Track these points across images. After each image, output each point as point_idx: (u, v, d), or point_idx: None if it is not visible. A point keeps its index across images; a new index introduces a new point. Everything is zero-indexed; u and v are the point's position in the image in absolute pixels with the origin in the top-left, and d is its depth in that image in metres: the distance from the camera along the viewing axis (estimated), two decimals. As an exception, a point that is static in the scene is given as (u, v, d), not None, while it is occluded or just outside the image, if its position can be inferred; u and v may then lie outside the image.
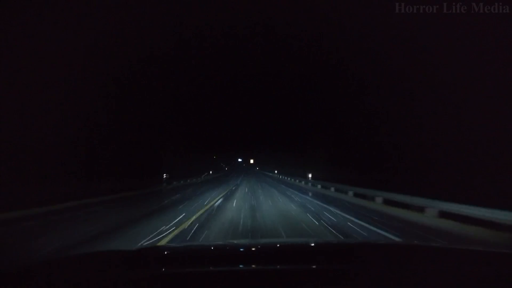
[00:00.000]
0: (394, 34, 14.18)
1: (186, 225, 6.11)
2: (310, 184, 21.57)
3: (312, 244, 1.78)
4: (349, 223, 6.47)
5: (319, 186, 18.86)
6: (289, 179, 30.78)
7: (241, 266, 1.08)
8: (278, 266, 1.03)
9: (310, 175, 22.68)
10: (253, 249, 1.50)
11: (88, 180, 13.10)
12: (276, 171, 50.10)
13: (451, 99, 12.86)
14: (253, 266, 1.09)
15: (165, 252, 1.39)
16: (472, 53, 11.25)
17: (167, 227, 5.81)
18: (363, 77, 21.55)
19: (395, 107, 16.96)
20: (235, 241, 2.92)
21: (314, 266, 1.06)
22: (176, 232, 5.44)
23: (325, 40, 26.29)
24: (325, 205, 9.76)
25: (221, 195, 13.19)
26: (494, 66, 10.49)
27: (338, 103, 27.08)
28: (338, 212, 8.26)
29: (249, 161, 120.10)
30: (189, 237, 5.13)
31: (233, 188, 18.77)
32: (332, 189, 16.17)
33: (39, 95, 11.93)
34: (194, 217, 7.04)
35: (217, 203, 10.14)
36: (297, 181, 26.49)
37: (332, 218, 7.13)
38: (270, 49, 55.36)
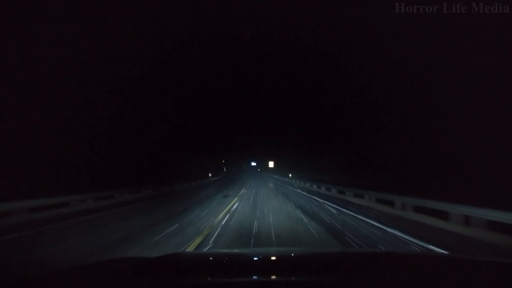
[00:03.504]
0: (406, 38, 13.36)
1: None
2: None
3: (330, 253, 1.82)
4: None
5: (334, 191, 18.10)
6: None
7: (255, 277, 1.06)
8: (295, 278, 1.02)
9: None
10: (273, 258, 1.53)
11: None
12: None
13: (449, 98, 12.00)
14: (273, 277, 1.07)
15: (183, 261, 1.45)
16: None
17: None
18: (368, 75, 20.74)
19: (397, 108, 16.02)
20: (252, 250, 2.99)
21: (332, 277, 1.05)
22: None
23: (338, 39, 25.63)
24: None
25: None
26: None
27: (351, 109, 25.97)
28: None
29: (267, 164, 76.17)
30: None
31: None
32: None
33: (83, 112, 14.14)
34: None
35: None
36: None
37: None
38: (279, 53, 54.43)
